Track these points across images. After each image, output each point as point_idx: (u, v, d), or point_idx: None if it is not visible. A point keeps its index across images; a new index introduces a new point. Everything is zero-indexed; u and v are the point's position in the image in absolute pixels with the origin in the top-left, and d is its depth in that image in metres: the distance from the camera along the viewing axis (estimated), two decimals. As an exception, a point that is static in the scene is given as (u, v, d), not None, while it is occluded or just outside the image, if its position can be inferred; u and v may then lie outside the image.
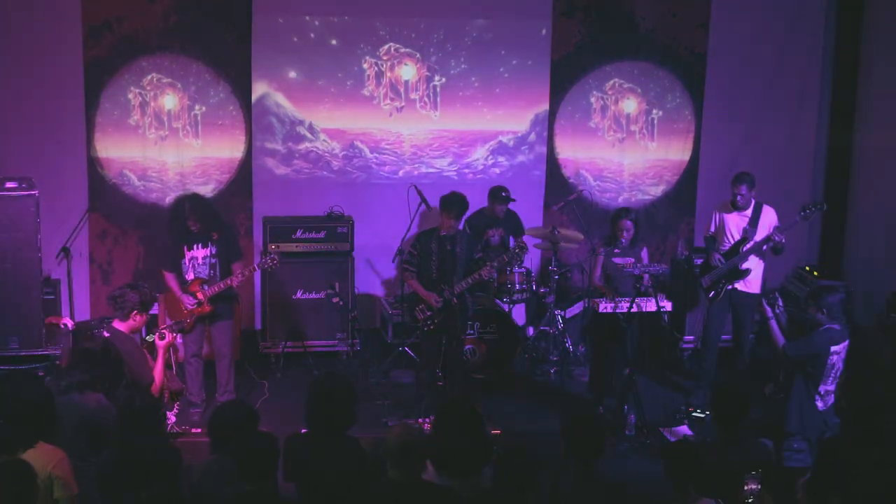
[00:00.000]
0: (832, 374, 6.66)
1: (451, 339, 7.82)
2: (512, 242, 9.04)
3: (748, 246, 8.00)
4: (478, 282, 7.85)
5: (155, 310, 8.18)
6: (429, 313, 7.75)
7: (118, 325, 6.72)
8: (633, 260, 7.87)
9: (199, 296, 7.53)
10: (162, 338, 6.77)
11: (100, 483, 5.11)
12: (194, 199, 7.85)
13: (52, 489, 4.96)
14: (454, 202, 7.73)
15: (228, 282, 7.63)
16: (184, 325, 7.47)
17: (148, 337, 6.91)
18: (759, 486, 5.29)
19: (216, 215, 7.89)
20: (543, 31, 9.79)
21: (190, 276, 7.65)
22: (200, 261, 7.67)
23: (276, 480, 5.09)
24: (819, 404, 6.65)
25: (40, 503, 4.80)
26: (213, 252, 7.68)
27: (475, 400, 7.36)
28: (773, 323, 6.89)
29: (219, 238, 7.71)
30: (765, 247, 7.97)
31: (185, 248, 7.64)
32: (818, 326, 6.69)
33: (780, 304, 7.00)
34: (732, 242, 8.10)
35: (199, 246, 7.67)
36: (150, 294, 6.93)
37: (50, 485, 4.95)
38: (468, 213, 8.12)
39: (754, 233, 8.01)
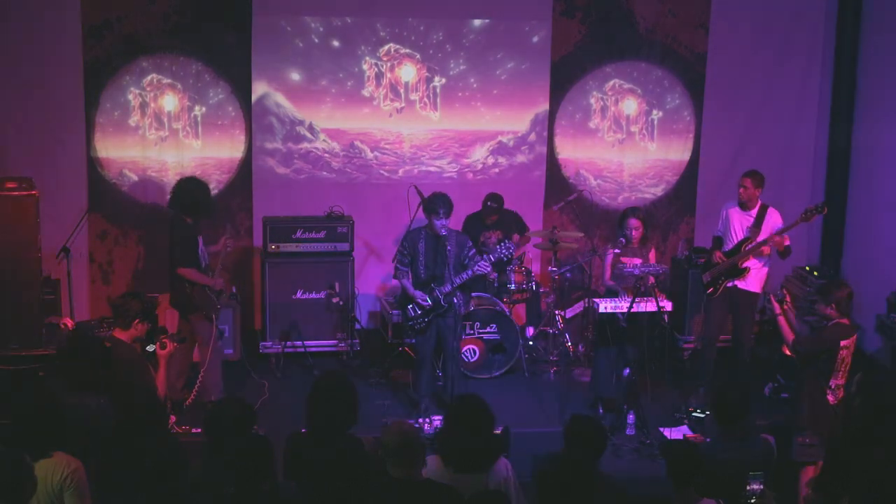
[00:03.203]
0: (842, 369, 6.67)
1: (447, 339, 7.80)
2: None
3: (750, 245, 8.00)
4: (470, 279, 7.70)
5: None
6: (419, 312, 7.74)
7: (119, 333, 6.51)
8: (641, 260, 7.85)
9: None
10: (163, 347, 6.63)
11: (101, 483, 5.11)
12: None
13: (61, 497, 4.81)
14: (445, 201, 7.58)
15: (221, 260, 7.83)
16: (184, 334, 7.42)
17: (149, 347, 6.77)
18: (762, 487, 5.29)
19: None
20: (535, 39, 9.76)
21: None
22: (202, 249, 7.70)
23: (275, 480, 5.09)
24: (830, 398, 6.65)
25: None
26: (202, 239, 7.75)
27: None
28: (782, 319, 6.88)
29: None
30: (766, 249, 7.96)
31: (197, 237, 7.65)
32: (827, 321, 6.70)
33: (788, 299, 7.00)
34: (736, 241, 8.11)
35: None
36: (152, 302, 6.85)
37: (59, 492, 4.80)
38: (466, 213, 8.07)
39: (757, 233, 8.01)
